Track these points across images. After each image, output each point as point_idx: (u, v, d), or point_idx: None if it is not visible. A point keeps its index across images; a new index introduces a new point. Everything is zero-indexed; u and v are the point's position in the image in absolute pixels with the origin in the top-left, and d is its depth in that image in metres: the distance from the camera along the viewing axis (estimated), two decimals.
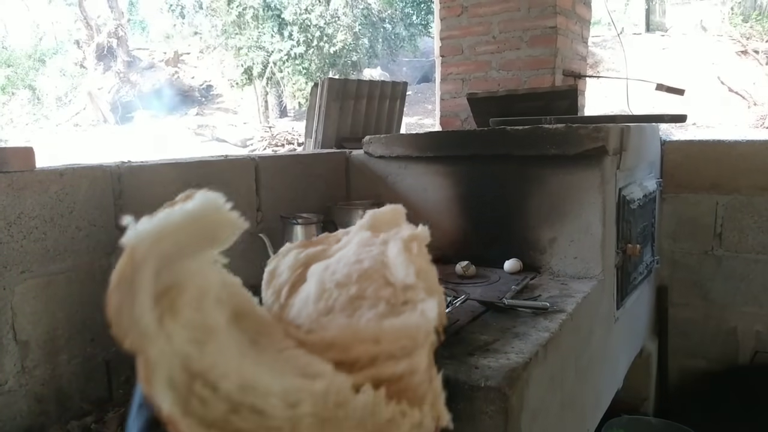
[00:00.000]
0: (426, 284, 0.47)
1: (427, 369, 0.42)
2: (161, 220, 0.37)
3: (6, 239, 1.13)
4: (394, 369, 0.41)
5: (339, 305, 0.47)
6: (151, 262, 0.36)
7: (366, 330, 0.44)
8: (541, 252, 1.76)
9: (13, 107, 16.62)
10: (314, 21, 12.42)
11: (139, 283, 0.35)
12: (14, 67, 17.24)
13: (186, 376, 0.35)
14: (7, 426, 1.15)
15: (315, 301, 0.48)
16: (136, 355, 0.35)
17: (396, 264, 0.48)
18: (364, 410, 0.38)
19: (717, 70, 11.75)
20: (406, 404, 0.40)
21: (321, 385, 0.37)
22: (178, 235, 0.37)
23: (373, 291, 0.47)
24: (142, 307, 0.35)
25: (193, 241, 0.38)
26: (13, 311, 1.15)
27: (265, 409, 0.35)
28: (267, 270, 0.54)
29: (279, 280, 0.52)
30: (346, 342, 0.44)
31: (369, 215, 0.56)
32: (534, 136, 1.71)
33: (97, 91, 15.93)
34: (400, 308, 0.46)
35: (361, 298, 0.47)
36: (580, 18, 2.92)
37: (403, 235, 0.51)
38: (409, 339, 0.42)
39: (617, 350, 1.96)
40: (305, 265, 0.53)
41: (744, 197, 2.34)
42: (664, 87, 2.67)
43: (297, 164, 1.95)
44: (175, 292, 0.37)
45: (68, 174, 1.24)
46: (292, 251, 0.54)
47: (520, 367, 1.12)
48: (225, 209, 0.41)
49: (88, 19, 16.71)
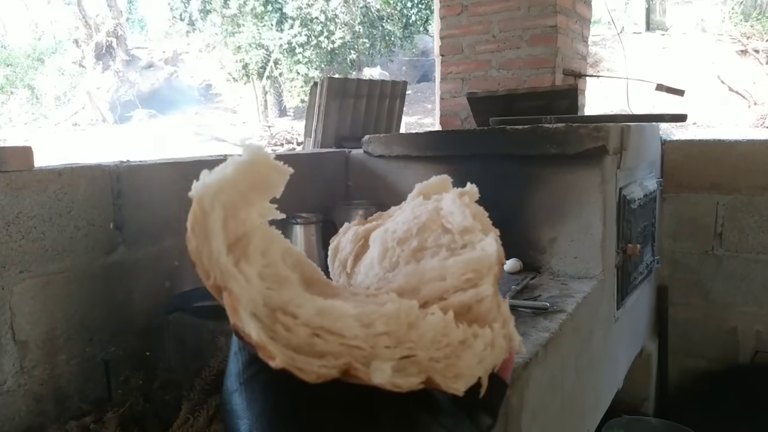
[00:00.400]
0: (482, 225, 0.50)
1: (494, 296, 0.44)
2: (218, 173, 0.40)
3: (4, 239, 1.13)
4: (462, 298, 0.43)
5: (403, 260, 0.50)
6: (219, 211, 0.39)
7: (430, 272, 0.46)
8: (541, 252, 1.75)
9: (11, 106, 16.60)
10: (315, 14, 12.42)
11: (212, 229, 0.38)
12: (13, 66, 17.23)
13: (267, 309, 0.38)
14: (6, 426, 1.14)
15: (379, 261, 0.51)
16: (221, 291, 0.37)
17: (452, 211, 0.50)
18: (435, 330, 0.39)
19: (717, 69, 11.75)
20: (477, 326, 0.41)
21: (391, 306, 0.39)
22: (236, 185, 0.40)
23: (433, 240, 0.50)
24: (219, 250, 0.38)
25: (250, 190, 0.41)
26: (11, 311, 1.14)
27: (343, 330, 0.37)
28: (330, 247, 0.57)
29: (343, 253, 0.56)
30: (413, 286, 0.46)
31: (417, 187, 0.59)
32: (534, 135, 1.70)
33: (95, 90, 15.91)
34: (460, 251, 0.48)
35: (423, 249, 0.49)
36: (580, 17, 2.92)
37: (453, 195, 0.53)
38: (473, 271, 0.45)
39: (617, 350, 1.96)
40: (365, 236, 0.56)
41: (744, 197, 2.34)
42: (664, 87, 2.67)
43: (296, 164, 1.94)
44: (246, 241, 0.40)
45: (67, 173, 1.24)
46: (351, 228, 0.58)
47: (520, 367, 1.12)
48: (270, 157, 0.44)
49: (87, 18, 16.70)
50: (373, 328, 0.38)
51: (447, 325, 0.40)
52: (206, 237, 0.38)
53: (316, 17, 12.41)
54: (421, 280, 0.46)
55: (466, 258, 0.46)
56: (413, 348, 0.38)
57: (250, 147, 0.42)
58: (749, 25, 13.02)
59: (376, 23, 12.97)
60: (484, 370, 0.40)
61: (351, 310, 0.39)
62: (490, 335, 0.41)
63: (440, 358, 0.39)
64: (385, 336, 0.38)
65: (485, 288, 0.44)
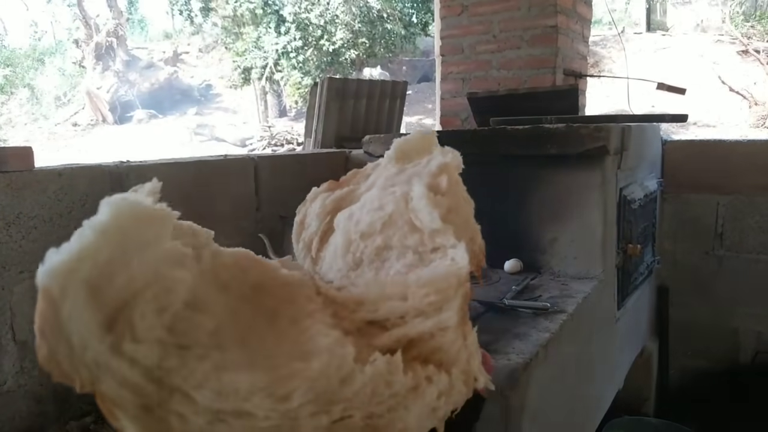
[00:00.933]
0: (457, 224, 0.43)
1: (459, 325, 0.38)
2: (71, 246, 0.33)
3: (5, 239, 1.13)
4: (423, 327, 0.37)
5: (366, 258, 0.44)
6: (78, 292, 0.32)
7: (392, 286, 0.40)
8: (542, 252, 1.75)
9: (11, 107, 16.62)
10: (313, 20, 12.42)
11: (70, 318, 0.31)
12: (13, 66, 17.24)
13: (164, 392, 0.32)
14: (6, 426, 1.14)
15: (343, 255, 0.45)
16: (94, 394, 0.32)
17: (419, 208, 0.43)
18: (375, 382, 0.34)
19: (718, 69, 11.74)
20: (434, 367, 0.36)
21: (317, 365, 0.33)
22: (97, 254, 0.33)
23: (398, 240, 0.43)
24: (85, 340, 0.31)
25: (122, 252, 0.33)
26: (11, 311, 1.14)
27: (251, 410, 0.32)
28: (296, 220, 0.50)
29: (308, 231, 0.49)
30: (374, 299, 0.40)
31: (395, 144, 0.50)
32: (534, 135, 1.70)
33: (96, 90, 15.92)
34: (429, 256, 0.42)
35: (388, 248, 0.43)
36: (580, 17, 2.92)
37: (431, 169, 0.46)
38: (437, 292, 0.38)
39: (618, 351, 1.96)
40: (333, 211, 0.49)
41: (745, 197, 2.34)
42: (665, 86, 2.67)
43: (296, 164, 1.95)
44: (130, 308, 0.33)
45: (67, 174, 1.24)
46: (320, 196, 0.51)
47: (520, 367, 1.12)
48: (141, 207, 0.36)
49: (87, 19, 16.70)
50: (291, 402, 0.32)
51: (393, 372, 0.34)
52: (61, 333, 0.31)
53: (314, 22, 12.41)
54: (382, 296, 0.40)
55: (430, 275, 0.39)
56: (348, 408, 0.33)
57: (111, 204, 0.34)
58: (750, 25, 13.01)
59: (376, 22, 12.97)
60: (438, 420, 0.35)
61: (261, 382, 0.32)
62: (447, 381, 0.36)
63: (383, 412, 0.33)
64: (308, 405, 0.32)
65: (449, 316, 0.37)
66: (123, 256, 0.33)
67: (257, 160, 1.74)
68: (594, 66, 11.38)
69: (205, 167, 1.59)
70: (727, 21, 13.29)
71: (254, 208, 1.73)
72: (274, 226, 1.71)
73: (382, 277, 0.42)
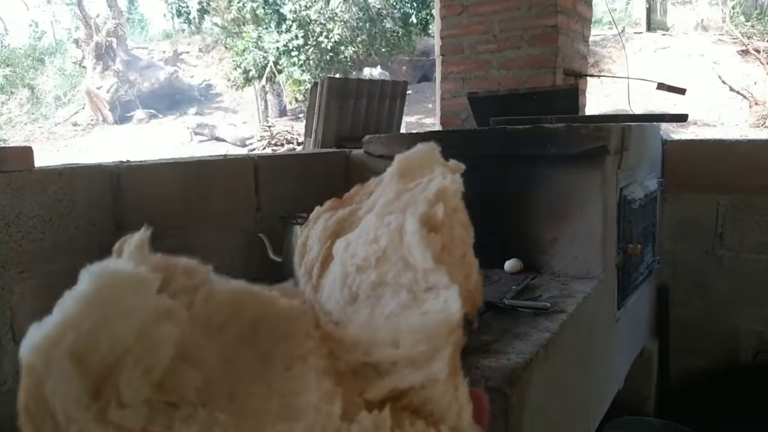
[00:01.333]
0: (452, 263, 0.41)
1: (450, 376, 0.37)
2: (53, 319, 0.32)
3: (5, 239, 1.12)
4: (413, 379, 0.37)
5: (363, 292, 0.43)
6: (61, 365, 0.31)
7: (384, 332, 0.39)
8: (542, 252, 1.75)
9: (11, 106, 16.62)
10: (313, 16, 12.43)
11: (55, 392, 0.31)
12: (13, 66, 17.25)
13: None
14: (6, 427, 1.14)
15: (340, 288, 0.44)
16: None
17: (412, 245, 0.42)
18: None
19: (718, 69, 11.75)
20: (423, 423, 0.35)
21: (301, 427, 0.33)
22: (80, 323, 0.32)
23: (393, 277, 0.42)
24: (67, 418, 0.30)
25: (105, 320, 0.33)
26: (11, 311, 1.14)
27: None
28: (299, 242, 0.49)
29: (310, 255, 0.48)
30: (367, 342, 0.39)
31: (397, 160, 0.48)
32: (535, 135, 1.70)
33: (96, 90, 15.92)
34: (423, 296, 0.41)
35: (383, 285, 0.42)
36: (580, 17, 2.92)
37: (428, 196, 0.44)
38: (428, 340, 0.37)
39: (618, 350, 1.96)
40: (334, 234, 0.48)
41: (745, 197, 2.34)
42: (665, 86, 2.67)
43: (297, 164, 1.95)
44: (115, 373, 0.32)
45: (67, 174, 1.23)
46: (322, 216, 0.49)
47: (520, 367, 1.12)
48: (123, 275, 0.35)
49: (87, 18, 16.70)
50: None
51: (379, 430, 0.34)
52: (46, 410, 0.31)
53: (314, 19, 12.42)
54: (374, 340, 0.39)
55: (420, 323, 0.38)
56: None
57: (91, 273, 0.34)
58: (750, 25, 13.01)
59: (375, 20, 12.97)
60: None
61: None
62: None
63: None
64: None
65: (439, 367, 0.36)
66: (106, 324, 0.33)
67: (257, 160, 1.74)
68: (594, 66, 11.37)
69: (205, 167, 1.59)
70: (727, 21, 13.29)
71: (254, 208, 1.73)
72: (274, 226, 1.71)
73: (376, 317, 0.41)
